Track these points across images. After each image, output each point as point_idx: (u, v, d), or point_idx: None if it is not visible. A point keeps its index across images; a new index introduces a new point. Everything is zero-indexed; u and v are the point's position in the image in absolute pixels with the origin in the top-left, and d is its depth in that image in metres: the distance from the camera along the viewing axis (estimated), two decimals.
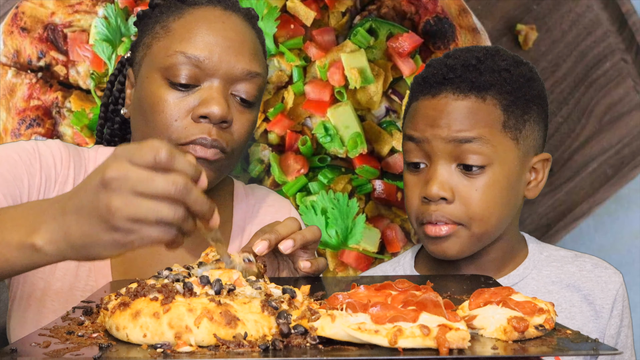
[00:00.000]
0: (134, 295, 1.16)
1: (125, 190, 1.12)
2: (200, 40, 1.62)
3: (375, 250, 2.36)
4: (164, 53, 1.63)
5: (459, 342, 1.05)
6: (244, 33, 1.67)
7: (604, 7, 2.67)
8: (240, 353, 1.07)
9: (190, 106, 1.61)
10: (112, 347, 1.11)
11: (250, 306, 1.14)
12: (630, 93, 2.68)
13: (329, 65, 2.35)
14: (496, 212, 1.69)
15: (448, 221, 1.68)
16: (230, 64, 1.62)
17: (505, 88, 1.71)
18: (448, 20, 2.36)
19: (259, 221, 1.81)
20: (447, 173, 1.68)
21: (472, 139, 1.66)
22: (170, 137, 1.60)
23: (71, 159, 1.69)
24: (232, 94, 1.65)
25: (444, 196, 1.67)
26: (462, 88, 1.69)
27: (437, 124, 1.68)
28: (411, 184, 1.74)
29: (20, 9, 2.33)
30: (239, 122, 1.65)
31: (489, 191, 1.67)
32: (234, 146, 1.65)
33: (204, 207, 1.17)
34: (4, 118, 2.32)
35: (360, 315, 1.11)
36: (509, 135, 1.70)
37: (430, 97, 1.72)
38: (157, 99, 1.62)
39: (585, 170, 2.68)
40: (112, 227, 1.13)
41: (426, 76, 1.75)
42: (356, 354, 1.06)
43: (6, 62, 2.34)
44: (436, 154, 1.68)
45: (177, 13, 1.67)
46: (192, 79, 1.61)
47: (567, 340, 1.12)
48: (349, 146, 2.34)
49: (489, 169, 1.67)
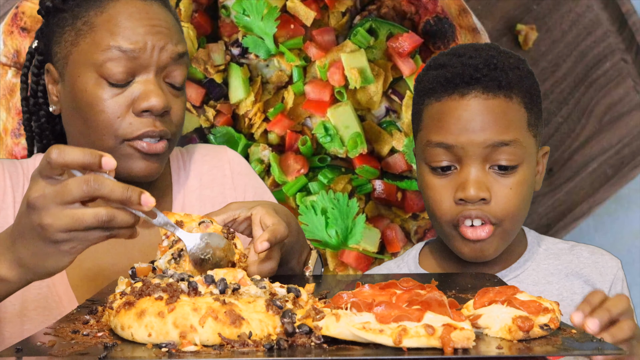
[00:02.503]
0: (139, 295, 1.16)
1: (49, 206, 1.21)
2: (131, 33, 1.62)
3: (375, 250, 2.36)
4: (95, 49, 1.62)
5: (464, 342, 1.05)
6: (166, 18, 1.68)
7: (604, 7, 2.68)
8: (245, 352, 1.07)
9: (129, 101, 1.62)
10: (117, 346, 1.11)
11: (255, 305, 1.14)
12: (630, 93, 2.68)
13: (329, 65, 2.35)
14: (523, 208, 1.73)
15: (487, 221, 1.69)
16: (161, 52, 1.63)
17: (524, 86, 1.73)
18: (448, 20, 2.36)
19: (195, 173, 1.83)
20: (482, 174, 1.69)
21: (508, 143, 1.68)
22: (115, 134, 1.62)
23: (6, 173, 1.71)
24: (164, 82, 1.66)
25: (484, 197, 1.67)
26: (491, 87, 1.69)
27: (472, 129, 1.68)
28: (439, 187, 1.72)
29: (20, 9, 2.32)
30: (175, 106, 1.67)
31: (522, 188, 1.70)
32: (175, 131, 1.68)
33: (123, 193, 1.22)
34: (4, 118, 2.32)
35: (364, 314, 1.11)
36: (532, 133, 1.73)
37: (459, 98, 1.70)
38: (95, 98, 1.62)
39: (585, 170, 2.69)
40: (53, 242, 1.23)
41: (450, 76, 1.73)
42: (361, 353, 1.06)
43: (6, 62, 2.34)
44: (470, 157, 1.68)
45: (98, 8, 1.65)
46: (128, 74, 1.62)
47: (572, 339, 1.12)
48: (349, 146, 2.34)
49: (520, 167, 1.70)
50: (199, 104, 2.39)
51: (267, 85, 2.42)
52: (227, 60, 2.39)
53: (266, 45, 2.36)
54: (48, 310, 1.66)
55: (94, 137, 1.63)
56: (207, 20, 2.43)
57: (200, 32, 2.41)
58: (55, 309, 1.66)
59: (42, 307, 1.67)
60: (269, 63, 2.40)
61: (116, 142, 1.62)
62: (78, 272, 1.71)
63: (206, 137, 2.40)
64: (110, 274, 1.69)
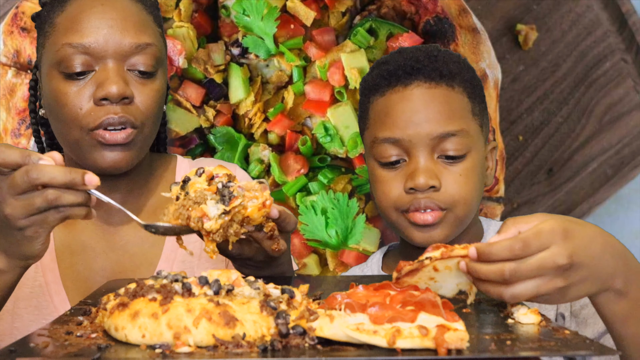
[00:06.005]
0: (133, 296, 1.16)
1: (6, 197, 1.34)
2: (84, 27, 1.65)
3: (375, 250, 2.36)
4: (53, 49, 1.67)
5: (457, 343, 1.05)
6: (125, 10, 1.70)
7: (604, 7, 2.68)
8: (239, 353, 1.07)
9: (90, 92, 1.65)
10: (110, 347, 1.11)
11: (249, 306, 1.14)
12: (630, 93, 2.68)
13: (329, 65, 2.35)
14: (476, 195, 1.74)
15: (435, 207, 1.71)
16: (117, 42, 1.65)
17: (465, 76, 1.77)
18: (448, 20, 2.36)
19: None
20: (431, 163, 1.71)
21: (455, 133, 1.71)
22: (80, 126, 1.64)
23: None
24: (128, 70, 1.67)
25: (434, 184, 1.69)
26: (433, 76, 1.73)
27: (417, 120, 1.71)
28: (388, 179, 1.75)
29: (20, 9, 2.33)
30: (142, 94, 1.68)
31: (470, 175, 1.72)
32: (144, 119, 1.68)
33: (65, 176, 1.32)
34: (4, 118, 2.32)
35: (358, 315, 1.11)
36: (477, 122, 1.76)
37: (402, 89, 1.74)
38: (58, 94, 1.66)
39: (585, 170, 2.68)
40: (18, 229, 1.36)
41: (392, 69, 1.76)
42: (355, 354, 1.06)
43: (6, 62, 2.34)
44: (418, 148, 1.71)
45: (60, 8, 1.70)
46: (84, 66, 1.65)
47: (565, 340, 1.12)
48: (349, 146, 2.34)
49: (469, 155, 1.72)
50: (199, 104, 2.39)
51: (267, 85, 2.42)
52: (227, 60, 2.39)
53: (266, 45, 2.36)
54: (38, 310, 1.68)
55: (65, 131, 1.67)
56: (207, 20, 2.43)
57: (200, 32, 2.41)
58: (46, 309, 1.67)
59: (33, 306, 1.69)
60: (269, 63, 2.40)
61: (81, 133, 1.65)
62: (70, 274, 1.72)
63: (206, 137, 2.40)
64: (101, 278, 1.70)
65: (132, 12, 1.70)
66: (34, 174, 1.31)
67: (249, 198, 1.35)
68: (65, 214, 1.35)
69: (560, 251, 1.23)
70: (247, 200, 1.35)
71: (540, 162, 2.70)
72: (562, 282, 1.24)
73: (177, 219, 1.37)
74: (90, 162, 1.65)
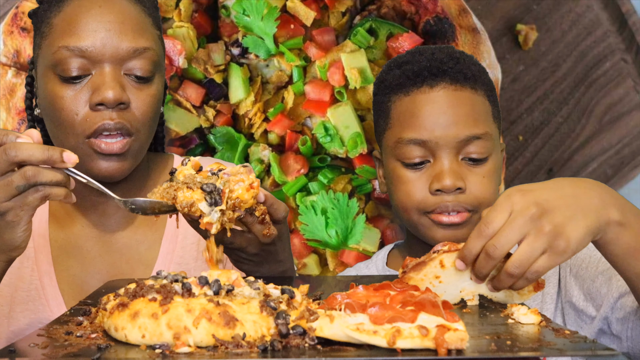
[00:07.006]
0: (133, 296, 1.16)
1: None
2: (81, 30, 1.63)
3: (375, 250, 2.35)
4: (50, 51, 1.65)
5: (457, 343, 1.05)
6: (124, 12, 1.67)
7: (604, 7, 2.68)
8: (239, 354, 1.07)
9: (86, 97, 1.63)
10: (110, 347, 1.11)
11: (249, 306, 1.14)
12: (630, 93, 2.68)
13: (329, 65, 2.35)
14: (496, 196, 1.75)
15: (462, 209, 1.72)
16: (114, 46, 1.63)
17: (485, 79, 1.79)
18: (448, 20, 2.36)
19: None
20: (456, 165, 1.72)
21: (480, 136, 1.72)
22: (76, 132, 1.63)
23: None
24: (125, 74, 1.65)
25: (460, 186, 1.71)
26: (458, 79, 1.75)
27: (444, 122, 1.72)
28: (412, 180, 1.75)
29: (20, 9, 2.33)
30: (139, 99, 1.66)
31: (492, 177, 1.75)
32: (139, 126, 1.66)
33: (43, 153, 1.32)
34: (4, 118, 2.32)
35: (358, 315, 1.11)
36: (496, 125, 1.79)
37: (428, 90, 1.74)
38: (55, 97, 1.64)
39: (585, 170, 2.69)
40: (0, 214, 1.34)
41: (417, 69, 1.76)
42: (355, 354, 1.06)
43: (6, 62, 2.34)
44: (444, 149, 1.72)
45: (57, 8, 1.67)
46: (81, 70, 1.63)
47: (565, 340, 1.12)
48: (349, 146, 2.34)
49: (490, 158, 1.75)
50: (199, 104, 2.39)
51: (267, 85, 2.42)
52: (227, 60, 2.39)
53: (266, 45, 2.36)
54: (35, 314, 1.67)
55: (61, 136, 1.66)
56: (207, 20, 2.43)
57: (200, 32, 2.41)
58: (42, 312, 1.67)
59: (29, 309, 1.68)
60: (269, 63, 2.39)
61: (77, 140, 1.63)
62: (66, 277, 1.71)
63: (206, 137, 2.40)
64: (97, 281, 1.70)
65: (131, 14, 1.67)
66: (12, 151, 1.31)
67: (235, 181, 1.34)
68: (44, 192, 1.33)
69: (523, 204, 1.26)
70: (234, 184, 1.34)
71: (540, 162, 2.70)
72: (547, 225, 1.26)
73: (163, 198, 1.35)
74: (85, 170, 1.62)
